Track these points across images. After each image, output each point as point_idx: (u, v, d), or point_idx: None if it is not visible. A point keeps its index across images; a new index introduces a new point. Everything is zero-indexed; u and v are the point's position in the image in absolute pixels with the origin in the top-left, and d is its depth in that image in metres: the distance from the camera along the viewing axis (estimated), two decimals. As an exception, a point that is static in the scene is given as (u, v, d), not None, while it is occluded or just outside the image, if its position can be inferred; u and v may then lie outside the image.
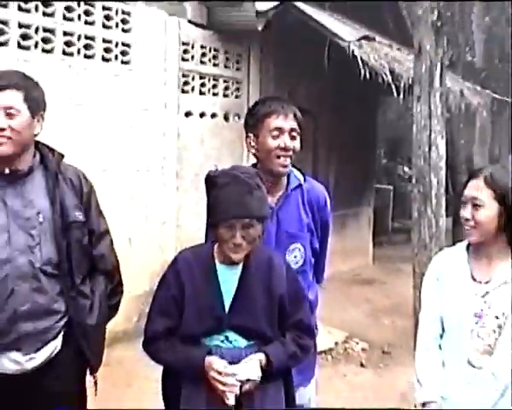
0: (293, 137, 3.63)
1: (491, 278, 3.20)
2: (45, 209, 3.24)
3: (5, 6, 6.48)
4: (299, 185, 3.78)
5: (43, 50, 6.89)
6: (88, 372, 3.52)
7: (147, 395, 6.04)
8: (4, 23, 6.50)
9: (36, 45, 6.80)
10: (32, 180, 3.28)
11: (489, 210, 3.12)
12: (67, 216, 3.28)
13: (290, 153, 3.61)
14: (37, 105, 3.27)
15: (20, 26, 6.61)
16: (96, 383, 3.55)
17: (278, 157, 3.60)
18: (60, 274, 3.26)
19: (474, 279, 3.23)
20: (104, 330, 3.55)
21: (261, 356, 3.10)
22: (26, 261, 3.17)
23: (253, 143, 3.70)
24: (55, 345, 3.29)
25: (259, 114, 3.69)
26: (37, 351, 3.23)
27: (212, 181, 3.09)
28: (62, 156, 3.43)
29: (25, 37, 6.67)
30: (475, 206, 3.14)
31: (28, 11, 6.68)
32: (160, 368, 3.37)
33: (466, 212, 3.17)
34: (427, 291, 3.42)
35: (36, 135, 3.31)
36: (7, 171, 3.21)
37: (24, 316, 3.16)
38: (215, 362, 3.04)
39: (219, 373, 3.00)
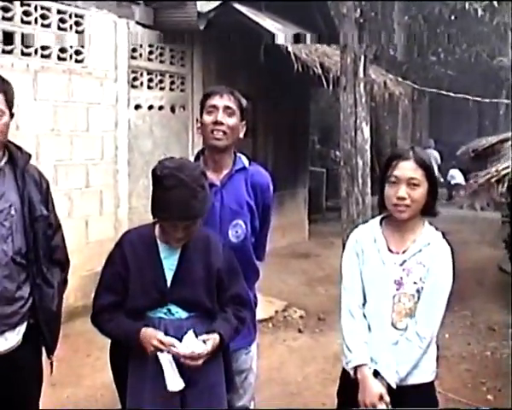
0: (228, 114, 3.62)
1: (407, 248, 3.22)
2: (16, 203, 3.22)
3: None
4: (244, 168, 3.78)
5: (4, 51, 6.89)
6: (45, 355, 3.51)
7: (104, 363, 6.10)
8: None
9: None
10: (3, 176, 3.25)
11: (422, 188, 3.14)
12: (35, 210, 3.27)
13: (223, 128, 3.59)
14: (12, 104, 3.24)
15: None
16: (51, 364, 3.53)
17: (212, 131, 3.61)
18: (27, 263, 3.25)
19: (391, 251, 3.25)
20: (61, 317, 3.53)
21: (216, 336, 3.11)
22: (0, 250, 3.16)
23: (198, 125, 3.73)
24: (18, 332, 3.28)
25: (202, 99, 3.74)
26: (0, 334, 3.20)
27: (158, 181, 2.99)
28: (30, 156, 3.40)
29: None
30: (412, 185, 3.13)
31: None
32: None
33: (401, 191, 3.13)
34: (347, 265, 3.40)
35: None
36: None
37: None
38: (152, 331, 3.05)
39: (159, 341, 3.01)
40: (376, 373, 3.17)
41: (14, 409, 3.43)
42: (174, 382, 3.02)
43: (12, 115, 3.26)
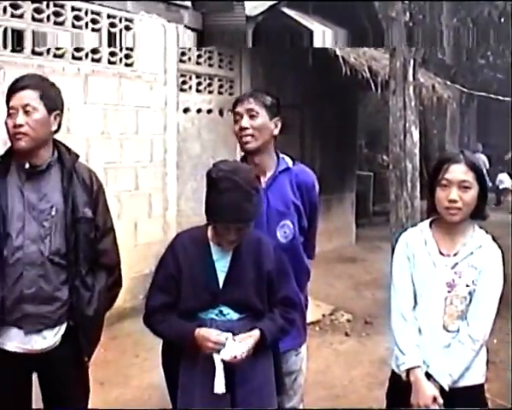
0: (252, 117, 3.63)
1: (458, 251, 3.20)
2: (58, 204, 3.24)
3: (21, 16, 6.55)
4: (288, 169, 3.79)
5: (55, 56, 6.94)
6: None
7: (152, 364, 6.11)
8: (20, 32, 6.57)
9: (48, 51, 6.85)
10: (49, 176, 3.27)
11: (473, 191, 3.12)
12: (78, 212, 3.27)
13: (249, 132, 3.62)
14: (53, 103, 3.25)
15: (34, 33, 6.67)
16: (87, 368, 3.53)
17: (241, 138, 3.65)
18: (66, 264, 3.25)
19: (442, 253, 3.23)
20: (101, 322, 3.52)
21: (256, 332, 3.11)
22: (37, 250, 3.17)
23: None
24: (57, 332, 3.29)
25: (232, 109, 3.78)
26: (38, 332, 3.23)
27: (213, 183, 3.02)
28: (78, 156, 3.41)
29: (38, 44, 6.72)
30: (463, 188, 3.11)
31: (41, 21, 6.75)
32: None
33: (453, 194, 3.11)
34: (398, 268, 3.39)
35: (53, 132, 3.30)
36: (27, 165, 3.22)
37: (28, 298, 3.17)
38: (207, 331, 3.06)
39: (212, 341, 3.02)
40: (428, 376, 3.16)
41: (54, 406, 3.47)
42: (221, 384, 3.03)
43: (56, 115, 3.29)
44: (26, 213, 3.19)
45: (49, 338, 3.26)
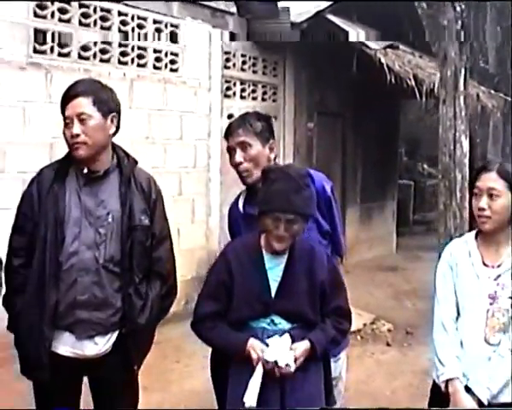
0: (245, 149, 3.49)
1: (502, 263, 3.15)
2: (115, 210, 3.22)
3: (68, 21, 6.58)
4: None
5: (101, 60, 6.97)
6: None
7: (193, 370, 6.14)
8: (67, 37, 6.60)
9: (94, 56, 6.87)
10: (107, 182, 3.26)
11: (504, 200, 3.08)
12: (134, 219, 3.24)
13: (243, 166, 3.49)
14: (107, 106, 3.22)
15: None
16: (136, 376, 3.50)
17: (238, 172, 3.54)
18: (120, 272, 3.23)
19: (486, 265, 3.18)
20: (153, 331, 3.49)
21: (307, 344, 3.06)
22: (92, 256, 3.15)
23: None
24: (109, 339, 3.27)
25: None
26: (89, 338, 3.21)
27: (265, 175, 3.06)
28: (136, 162, 3.40)
29: (85, 49, 6.74)
30: (492, 196, 3.08)
31: (88, 25, 6.78)
32: (206, 346, 3.32)
33: (482, 202, 3.11)
34: (441, 278, 3.34)
35: (112, 135, 3.28)
36: (85, 171, 3.21)
37: (82, 304, 3.15)
38: (259, 343, 3.01)
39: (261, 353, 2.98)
40: (467, 389, 3.09)
41: None
42: (253, 397, 2.97)
43: (113, 118, 3.26)
44: (82, 218, 3.18)
45: (101, 345, 3.24)
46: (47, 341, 3.13)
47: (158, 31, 7.57)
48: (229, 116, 8.59)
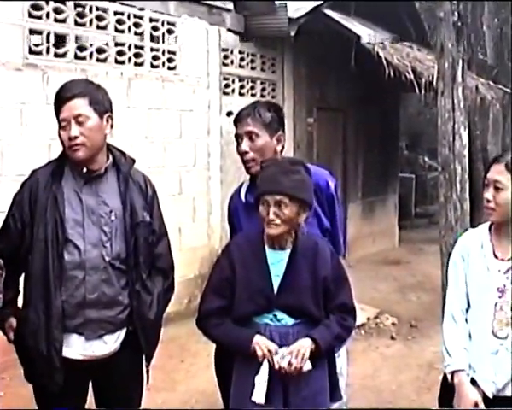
0: (252, 139, 3.49)
1: None
2: (117, 208, 3.22)
3: (64, 21, 6.52)
4: None
5: (98, 60, 6.92)
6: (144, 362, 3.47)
7: (198, 369, 6.10)
8: (63, 37, 6.55)
9: (91, 56, 6.82)
10: (106, 181, 3.25)
11: (509, 193, 3.04)
12: (136, 216, 3.24)
13: (249, 156, 3.49)
14: (102, 106, 3.21)
15: (77, 39, 6.65)
16: (148, 371, 3.47)
17: (243, 161, 3.55)
18: (126, 269, 3.22)
19: (497, 257, 3.13)
20: (160, 326, 3.48)
21: (309, 342, 3.05)
22: (98, 254, 3.14)
23: None
24: (117, 337, 3.25)
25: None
26: (98, 338, 3.19)
27: (261, 167, 3.12)
28: (134, 161, 3.41)
29: (81, 48, 6.70)
30: (497, 188, 3.05)
31: (84, 25, 6.72)
32: (210, 345, 3.33)
33: (488, 193, 3.09)
34: (453, 269, 3.32)
35: (106, 135, 3.26)
36: (84, 170, 3.19)
37: (92, 303, 3.13)
38: (264, 340, 3.01)
39: (269, 351, 2.98)
40: (473, 381, 3.08)
41: None
42: (261, 394, 2.99)
43: (108, 118, 3.26)
44: (85, 217, 3.17)
45: (110, 343, 3.23)
46: (57, 343, 3.10)
47: (155, 29, 7.52)
48: (229, 113, 8.57)
